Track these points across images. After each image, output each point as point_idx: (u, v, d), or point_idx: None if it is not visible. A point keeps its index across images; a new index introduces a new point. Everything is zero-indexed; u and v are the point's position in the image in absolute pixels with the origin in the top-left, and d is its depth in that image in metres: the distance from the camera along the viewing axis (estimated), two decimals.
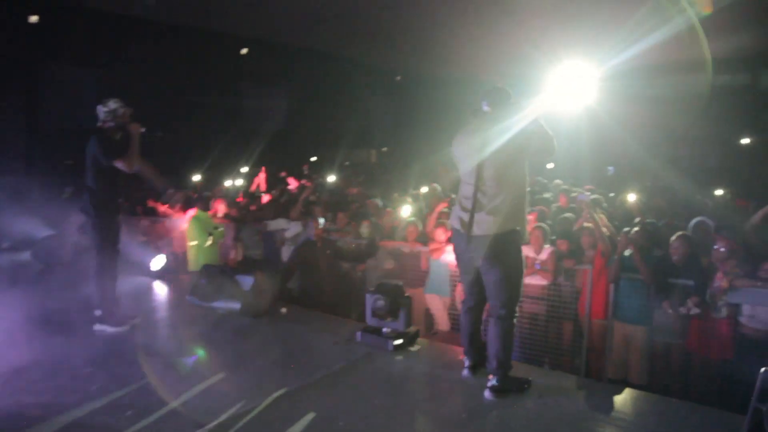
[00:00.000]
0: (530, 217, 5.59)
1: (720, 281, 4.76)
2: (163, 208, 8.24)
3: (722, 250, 4.86)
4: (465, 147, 3.71)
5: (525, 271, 3.76)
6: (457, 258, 3.88)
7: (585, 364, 5.33)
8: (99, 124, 4.75)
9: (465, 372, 3.95)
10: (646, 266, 5.01)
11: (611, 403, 3.57)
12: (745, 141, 17.65)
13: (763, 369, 2.89)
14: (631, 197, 6.10)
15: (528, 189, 3.72)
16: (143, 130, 4.81)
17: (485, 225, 3.53)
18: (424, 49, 17.30)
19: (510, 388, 3.63)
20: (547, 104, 3.71)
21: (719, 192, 8.12)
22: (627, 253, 5.23)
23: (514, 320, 3.67)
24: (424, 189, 8.60)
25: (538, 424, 3.29)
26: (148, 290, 6.24)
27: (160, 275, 6.64)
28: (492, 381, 3.61)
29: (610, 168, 10.70)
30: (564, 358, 5.53)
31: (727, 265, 4.84)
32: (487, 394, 3.59)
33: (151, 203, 8.47)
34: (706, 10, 11.15)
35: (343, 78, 19.37)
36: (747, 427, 2.80)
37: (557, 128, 3.71)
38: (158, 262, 6.68)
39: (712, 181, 10.27)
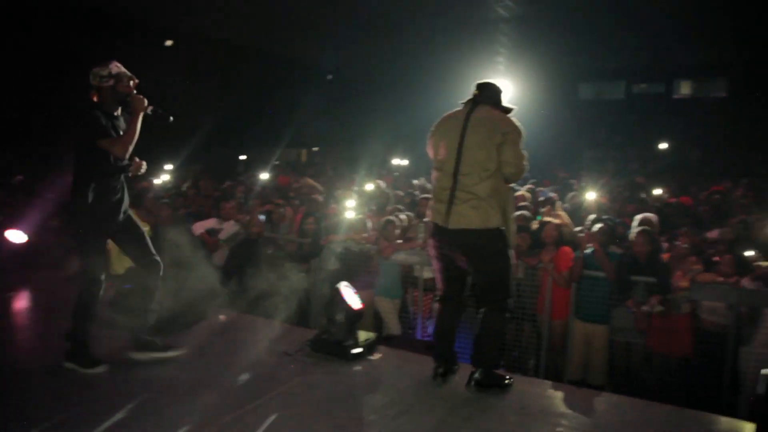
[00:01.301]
0: None
1: (680, 280, 4.69)
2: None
3: (685, 246, 4.80)
4: (447, 133, 3.40)
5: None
6: (435, 252, 3.55)
7: (545, 365, 5.15)
8: (92, 93, 3.59)
9: (435, 379, 3.59)
10: (610, 264, 4.87)
11: (599, 409, 3.35)
12: (663, 146, 18.54)
13: (763, 370, 2.72)
14: (591, 195, 6.01)
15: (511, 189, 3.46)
16: (150, 108, 3.61)
17: (465, 218, 3.24)
18: (356, 48, 17.02)
19: (493, 383, 3.45)
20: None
21: (658, 191, 8.26)
22: (588, 250, 5.08)
23: (506, 315, 3.46)
24: (369, 186, 8.23)
25: None
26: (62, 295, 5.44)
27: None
28: (476, 374, 3.44)
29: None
30: (522, 359, 5.32)
31: (686, 262, 4.78)
32: (470, 387, 3.42)
33: None
34: None
35: (272, 76, 18.67)
36: None
37: None
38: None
39: (642, 183, 10.56)
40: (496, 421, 3.15)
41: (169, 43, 16.26)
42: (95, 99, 3.59)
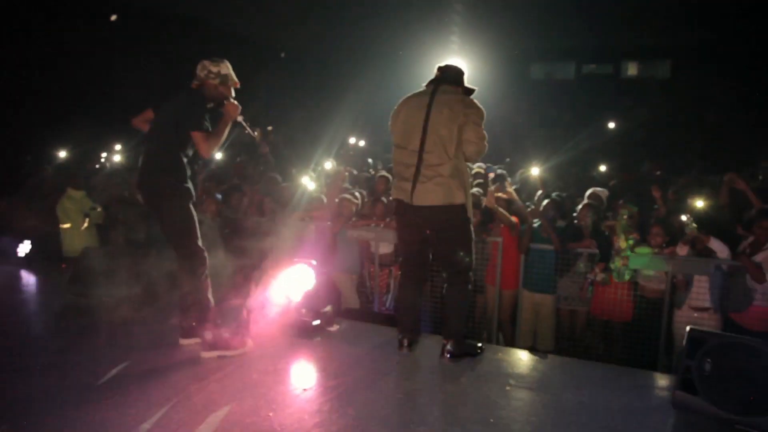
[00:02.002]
0: None
1: (619, 242, 4.98)
2: None
3: (623, 217, 5.09)
4: (412, 112, 3.49)
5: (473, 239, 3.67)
6: (400, 228, 3.71)
7: (496, 334, 5.40)
8: (195, 83, 3.66)
9: (400, 350, 3.77)
10: (556, 236, 5.13)
11: (545, 369, 3.59)
12: (611, 125, 19.15)
13: (688, 327, 2.99)
14: (535, 171, 6.27)
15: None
16: (241, 118, 3.74)
17: (430, 195, 3.38)
18: (310, 26, 16.85)
19: (464, 352, 3.66)
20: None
21: (603, 168, 8.63)
22: (535, 224, 5.33)
23: (469, 287, 3.65)
24: (327, 165, 8.29)
25: (477, 401, 3.17)
26: (16, 280, 5.36)
27: (28, 263, 5.76)
28: (448, 346, 3.62)
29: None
30: (475, 328, 5.56)
31: (627, 233, 5.07)
32: (443, 359, 3.61)
33: None
34: None
35: (223, 53, 18.27)
36: (677, 384, 2.88)
37: None
38: (24, 247, 5.78)
39: (590, 160, 10.98)
40: (450, 383, 3.35)
41: (113, 17, 15.68)
42: (200, 88, 3.64)
